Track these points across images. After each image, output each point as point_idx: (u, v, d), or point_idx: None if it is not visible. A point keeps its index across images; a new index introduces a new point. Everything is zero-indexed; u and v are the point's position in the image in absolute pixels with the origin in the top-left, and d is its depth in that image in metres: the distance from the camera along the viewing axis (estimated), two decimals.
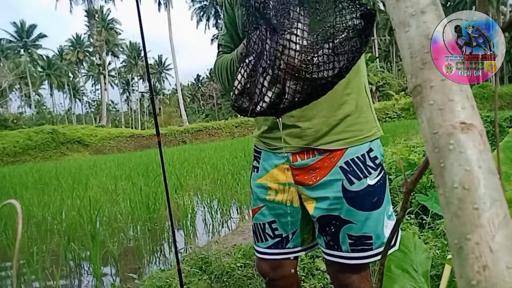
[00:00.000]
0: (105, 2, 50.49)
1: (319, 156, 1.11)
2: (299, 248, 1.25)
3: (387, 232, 1.14)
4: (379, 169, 1.12)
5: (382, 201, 1.12)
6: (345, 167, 1.09)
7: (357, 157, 1.10)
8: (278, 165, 1.19)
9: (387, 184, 1.16)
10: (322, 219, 1.14)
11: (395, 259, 1.35)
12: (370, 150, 1.12)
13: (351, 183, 1.09)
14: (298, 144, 1.12)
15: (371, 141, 1.12)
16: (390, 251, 1.14)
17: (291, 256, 1.25)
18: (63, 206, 6.19)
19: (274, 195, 1.20)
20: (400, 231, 1.21)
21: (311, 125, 1.09)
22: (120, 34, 58.46)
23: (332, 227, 1.12)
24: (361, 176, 1.09)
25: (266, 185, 1.21)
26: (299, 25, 0.81)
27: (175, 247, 2.21)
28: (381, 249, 1.12)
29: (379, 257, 1.12)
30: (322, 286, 2.26)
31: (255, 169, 1.28)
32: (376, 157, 1.12)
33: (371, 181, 1.10)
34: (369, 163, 1.10)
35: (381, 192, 1.12)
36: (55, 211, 5.87)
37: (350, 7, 0.79)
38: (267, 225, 1.22)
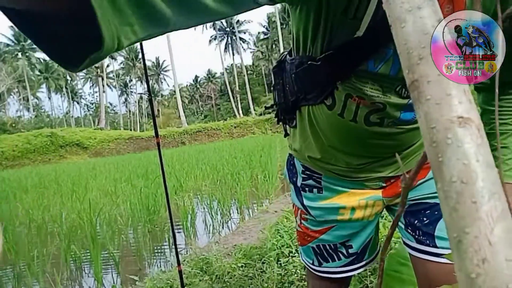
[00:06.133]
0: None
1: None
2: (372, 257, 1.15)
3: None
4: None
5: None
6: None
7: None
8: (358, 188, 1.04)
9: None
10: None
11: (396, 275, 1.32)
12: None
13: None
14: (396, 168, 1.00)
15: None
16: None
17: (367, 267, 1.15)
18: (63, 209, 6.19)
19: (350, 214, 1.05)
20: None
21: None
22: None
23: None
24: None
25: (337, 205, 1.05)
26: None
27: (176, 248, 2.21)
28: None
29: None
30: None
31: (313, 189, 1.08)
32: None
33: None
34: None
35: None
36: (55, 214, 5.87)
37: None
38: (339, 245, 1.10)
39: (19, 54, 56.29)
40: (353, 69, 0.81)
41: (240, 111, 53.43)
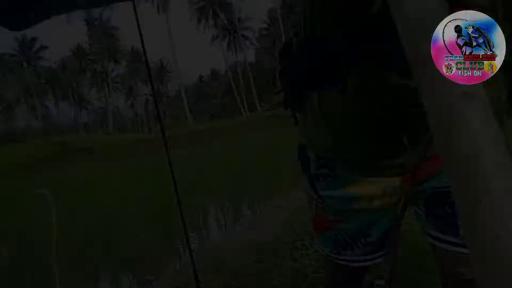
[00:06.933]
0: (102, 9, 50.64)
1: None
2: (392, 247, 1.10)
3: None
4: None
5: None
6: None
7: None
8: (374, 176, 0.98)
9: None
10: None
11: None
12: None
13: None
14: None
15: None
16: None
17: (389, 255, 1.09)
18: (77, 213, 6.25)
19: (367, 203, 0.99)
20: None
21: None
22: (120, 40, 58.81)
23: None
24: None
25: (353, 194, 0.99)
26: None
27: (189, 247, 2.23)
28: None
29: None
30: None
31: (327, 178, 1.02)
32: None
33: None
34: None
35: None
36: (70, 219, 5.93)
37: None
38: (357, 234, 1.05)
39: (25, 63, 56.85)
40: (367, 52, 0.72)
41: (246, 109, 53.42)
